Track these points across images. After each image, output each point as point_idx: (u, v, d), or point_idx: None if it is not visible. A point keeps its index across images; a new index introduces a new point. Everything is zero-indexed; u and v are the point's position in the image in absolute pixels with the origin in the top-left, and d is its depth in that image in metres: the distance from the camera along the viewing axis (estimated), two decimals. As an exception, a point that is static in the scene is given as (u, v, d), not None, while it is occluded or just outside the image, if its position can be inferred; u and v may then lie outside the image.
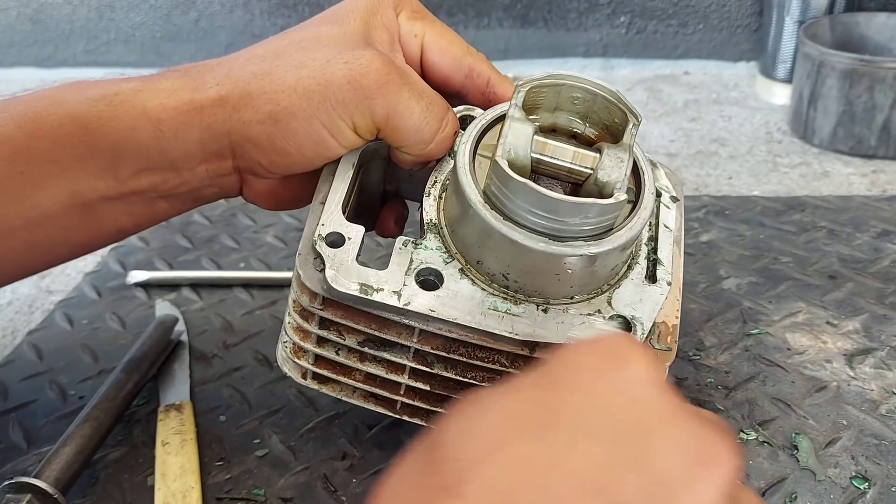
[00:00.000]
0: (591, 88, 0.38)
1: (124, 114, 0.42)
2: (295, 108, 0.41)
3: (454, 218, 0.40)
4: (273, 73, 0.41)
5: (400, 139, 0.42)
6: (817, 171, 0.92)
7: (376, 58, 0.41)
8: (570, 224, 0.36)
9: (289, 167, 0.43)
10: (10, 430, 0.53)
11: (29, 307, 0.72)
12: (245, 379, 0.57)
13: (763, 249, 0.71)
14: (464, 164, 0.38)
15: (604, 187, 0.36)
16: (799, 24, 1.06)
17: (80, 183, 0.43)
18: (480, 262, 0.39)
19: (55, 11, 1.31)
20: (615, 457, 0.25)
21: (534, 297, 0.39)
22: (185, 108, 0.42)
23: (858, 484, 0.46)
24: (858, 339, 0.58)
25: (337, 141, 0.42)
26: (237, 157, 0.43)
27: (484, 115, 0.41)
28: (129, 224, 0.46)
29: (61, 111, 0.42)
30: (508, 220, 0.36)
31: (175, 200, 0.46)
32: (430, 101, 0.42)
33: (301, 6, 1.28)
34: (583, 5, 1.25)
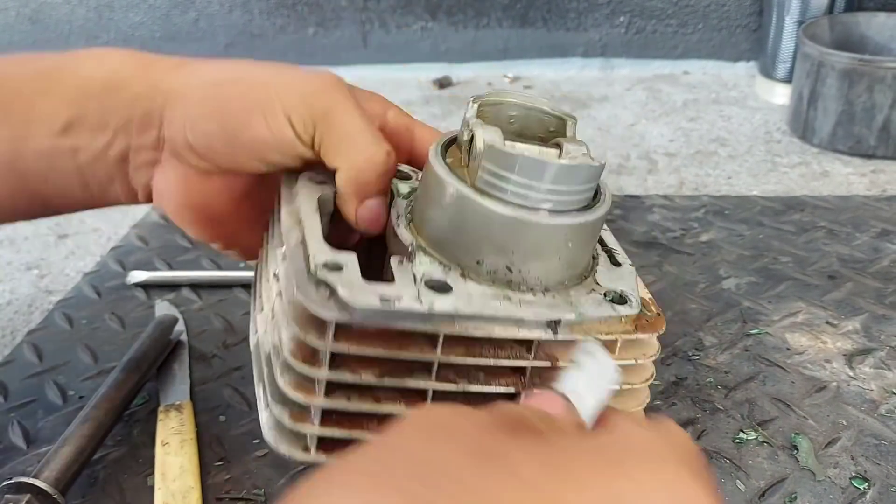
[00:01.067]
0: (523, 104, 0.40)
1: (86, 61, 0.43)
2: (240, 80, 0.41)
3: (439, 230, 0.40)
4: (232, 61, 0.43)
5: (334, 144, 0.40)
6: (817, 171, 0.92)
7: (332, 74, 0.42)
8: (566, 192, 0.37)
9: (207, 137, 0.42)
10: (9, 430, 0.53)
11: (28, 307, 0.72)
12: (245, 379, 0.57)
13: (762, 249, 0.71)
14: (444, 170, 0.38)
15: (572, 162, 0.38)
16: (798, 23, 1.06)
17: (20, 128, 0.43)
18: (480, 262, 0.39)
19: (54, 11, 1.31)
20: None
21: (535, 287, 0.40)
22: (142, 65, 0.43)
23: (858, 484, 0.46)
24: (858, 339, 0.59)
25: (268, 125, 0.40)
26: (165, 124, 0.43)
27: (438, 140, 0.41)
28: (48, 192, 0.45)
29: (31, 66, 0.44)
30: (508, 204, 0.37)
31: (90, 177, 0.45)
32: (371, 122, 0.41)
33: (300, 6, 1.28)
34: (582, 5, 1.25)
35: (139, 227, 0.80)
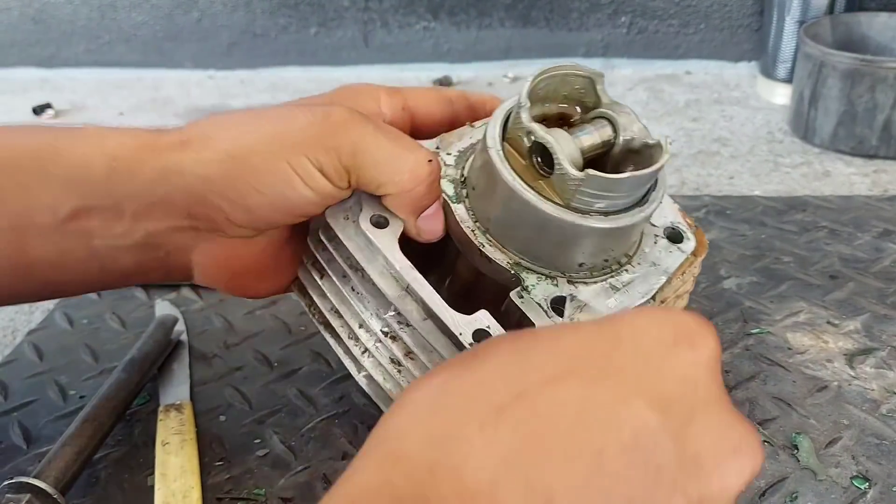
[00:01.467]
0: (551, 74, 0.40)
1: (82, 144, 0.41)
2: (255, 146, 0.40)
3: (529, 245, 0.41)
4: (234, 119, 0.41)
5: (373, 176, 0.40)
6: (818, 171, 0.92)
7: (338, 106, 0.41)
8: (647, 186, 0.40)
9: (251, 212, 0.41)
10: (10, 429, 0.53)
11: (29, 307, 0.72)
12: (245, 379, 0.57)
13: (764, 249, 0.71)
14: (534, 196, 0.38)
15: (631, 143, 0.39)
16: (799, 24, 1.05)
17: (20, 215, 0.41)
18: (582, 265, 0.41)
19: (57, 11, 1.31)
20: (661, 424, 0.26)
21: (623, 261, 0.43)
22: (143, 146, 0.41)
23: (859, 484, 0.46)
24: (859, 339, 0.58)
25: (303, 182, 0.40)
26: (193, 206, 0.41)
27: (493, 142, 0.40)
28: (58, 279, 0.44)
29: (20, 140, 0.42)
30: (608, 215, 0.39)
31: (111, 262, 0.43)
32: (397, 135, 0.41)
33: (302, 6, 1.28)
34: (584, 5, 1.25)
35: (140, 227, 0.80)
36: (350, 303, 0.43)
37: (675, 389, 0.27)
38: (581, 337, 0.29)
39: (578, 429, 0.25)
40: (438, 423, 0.26)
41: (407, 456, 0.26)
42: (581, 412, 0.26)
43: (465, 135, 0.46)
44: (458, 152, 0.45)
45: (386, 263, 0.41)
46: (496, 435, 0.25)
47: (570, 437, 0.25)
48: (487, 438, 0.25)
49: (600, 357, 0.28)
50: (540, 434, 0.25)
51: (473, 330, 0.39)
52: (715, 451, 0.27)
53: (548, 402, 0.26)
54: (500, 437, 0.25)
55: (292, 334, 0.62)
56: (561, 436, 0.25)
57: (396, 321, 0.41)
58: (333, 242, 0.44)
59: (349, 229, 0.42)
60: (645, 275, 0.43)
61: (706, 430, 0.27)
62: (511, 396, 0.26)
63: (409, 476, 0.25)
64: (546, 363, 0.27)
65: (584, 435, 0.25)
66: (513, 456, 0.25)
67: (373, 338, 0.43)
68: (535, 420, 0.25)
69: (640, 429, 0.26)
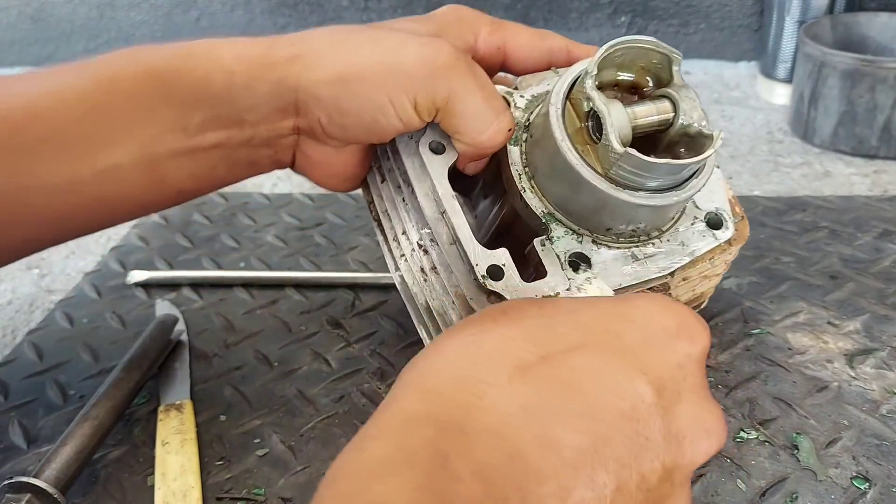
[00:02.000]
0: (630, 45, 0.40)
1: (199, 65, 0.44)
2: (364, 75, 0.43)
3: (565, 200, 0.43)
4: (349, 42, 0.44)
5: (456, 124, 0.43)
6: (818, 171, 0.92)
7: (448, 45, 0.43)
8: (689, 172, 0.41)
9: (344, 130, 0.45)
10: (10, 429, 0.53)
11: (29, 306, 0.72)
12: (245, 378, 0.57)
13: (764, 249, 0.71)
14: (577, 159, 0.40)
15: (688, 128, 0.40)
16: (799, 24, 1.05)
17: (151, 137, 0.44)
18: (610, 229, 0.43)
19: (56, 10, 1.31)
20: (655, 401, 0.30)
21: (652, 233, 0.45)
22: (258, 61, 0.44)
23: (859, 484, 0.46)
24: (859, 340, 0.58)
25: (396, 113, 0.43)
26: (300, 115, 0.45)
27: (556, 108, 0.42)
28: (190, 186, 0.48)
29: (138, 67, 0.45)
30: (642, 192, 0.40)
31: (234, 164, 0.47)
32: (492, 94, 0.44)
33: (301, 5, 1.28)
34: (584, 5, 1.25)
35: (139, 226, 0.80)
36: (398, 211, 0.48)
37: (671, 374, 0.31)
38: (598, 313, 0.33)
39: (589, 394, 0.29)
40: (471, 368, 0.30)
41: (445, 393, 0.29)
42: (593, 380, 0.30)
43: (545, 80, 0.47)
44: (531, 96, 0.46)
45: (432, 187, 0.45)
46: (522, 388, 0.29)
47: (581, 399, 0.29)
48: (514, 389, 0.29)
49: (613, 335, 0.31)
50: (557, 393, 0.29)
51: (489, 264, 0.42)
52: (692, 430, 0.31)
53: (566, 367, 0.30)
54: (524, 389, 0.29)
55: (292, 334, 0.62)
56: (574, 397, 0.29)
57: (429, 238, 0.46)
58: (396, 156, 0.48)
59: (410, 148, 0.46)
60: (669, 252, 0.45)
61: (688, 413, 0.31)
62: (536, 357, 0.30)
63: (448, 409, 0.28)
64: (567, 333, 0.31)
65: (592, 400, 0.29)
66: (533, 407, 0.28)
67: (409, 246, 0.47)
68: (554, 380, 0.29)
69: (638, 402, 0.30)
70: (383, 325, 0.62)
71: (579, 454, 0.28)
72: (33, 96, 0.44)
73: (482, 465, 0.27)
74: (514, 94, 0.46)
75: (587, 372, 0.30)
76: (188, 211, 0.82)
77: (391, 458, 0.26)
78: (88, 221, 0.48)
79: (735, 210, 0.48)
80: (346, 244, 0.74)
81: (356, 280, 0.67)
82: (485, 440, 0.27)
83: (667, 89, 0.41)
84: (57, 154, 0.43)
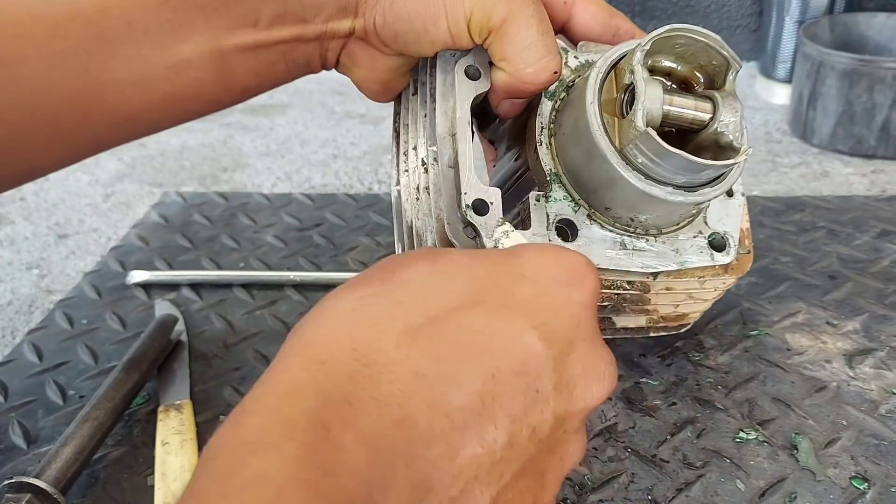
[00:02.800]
0: (695, 37, 0.40)
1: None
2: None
3: (576, 166, 0.42)
4: None
5: (505, 49, 0.43)
6: (817, 171, 0.92)
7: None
8: (705, 178, 0.40)
9: (396, 36, 0.45)
10: (10, 429, 0.53)
11: (29, 307, 0.72)
12: (245, 379, 0.57)
13: (763, 250, 0.71)
14: (597, 123, 0.40)
15: (720, 136, 0.40)
16: (798, 24, 1.06)
17: (221, 31, 0.44)
18: (609, 209, 0.43)
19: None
20: (546, 354, 0.30)
21: (651, 230, 0.44)
22: None
23: (858, 484, 0.46)
24: (858, 340, 0.59)
25: (448, 25, 0.43)
26: (357, 16, 0.45)
27: (598, 71, 0.42)
28: (253, 83, 0.48)
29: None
30: (650, 180, 0.39)
31: (292, 62, 0.47)
32: (548, 30, 0.43)
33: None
34: (583, 5, 1.25)
35: (139, 227, 0.80)
36: (418, 125, 0.48)
37: (563, 324, 0.31)
38: (489, 268, 0.32)
39: (478, 354, 0.29)
40: (358, 334, 0.29)
41: (330, 361, 0.28)
42: (482, 339, 0.30)
43: (604, 51, 0.46)
44: (585, 61, 0.46)
45: (453, 106, 0.44)
46: (409, 353, 0.28)
47: (470, 360, 0.29)
48: (402, 355, 0.28)
49: (504, 291, 0.31)
50: (446, 357, 0.29)
51: (477, 197, 0.42)
52: (585, 378, 0.32)
53: (455, 327, 0.30)
54: (412, 355, 0.28)
55: (292, 334, 0.62)
56: (463, 359, 0.29)
57: (433, 157, 0.45)
58: (433, 70, 0.47)
59: (448, 64, 0.46)
60: (659, 253, 0.44)
61: (580, 361, 0.32)
62: (425, 319, 0.29)
63: (332, 378, 0.28)
64: (457, 291, 0.31)
65: (482, 360, 0.29)
66: (422, 373, 0.28)
67: (416, 161, 0.47)
68: (443, 343, 0.29)
69: (529, 357, 0.30)
70: (383, 326, 0.62)
71: (468, 413, 0.28)
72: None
73: (367, 434, 0.26)
74: (570, 53, 0.46)
75: (477, 331, 0.30)
76: (188, 211, 0.82)
77: (269, 430, 0.26)
78: (158, 118, 0.48)
79: (744, 242, 0.47)
80: (346, 244, 0.75)
81: (356, 280, 0.67)
82: (370, 409, 0.27)
83: (713, 91, 0.40)
84: (129, 48, 0.43)
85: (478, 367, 0.29)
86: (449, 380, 0.28)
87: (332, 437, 0.26)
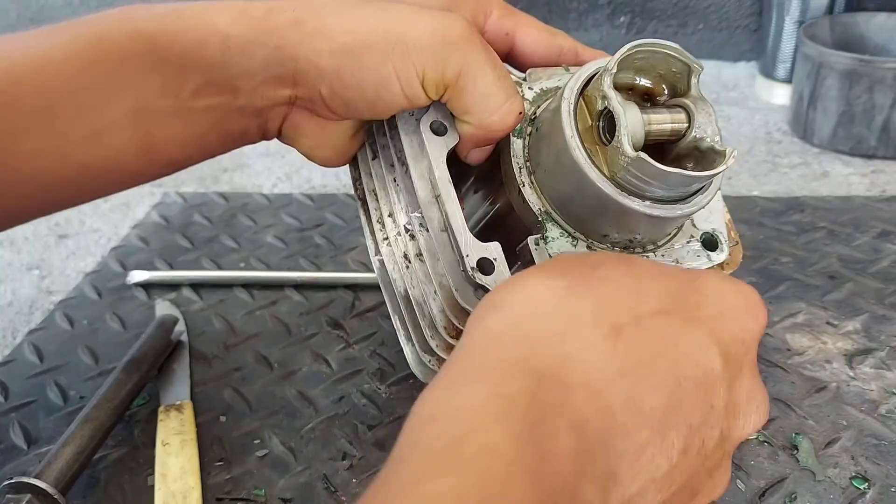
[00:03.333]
0: (653, 49, 0.39)
1: (192, 27, 0.42)
2: (372, 45, 0.40)
3: (566, 201, 0.42)
4: (355, 12, 0.41)
5: (465, 103, 0.41)
6: (817, 172, 0.92)
7: (461, 18, 0.41)
8: (697, 186, 0.40)
9: (346, 104, 0.43)
10: (10, 430, 0.53)
11: (29, 307, 0.72)
12: (245, 379, 0.57)
13: (763, 250, 0.71)
14: (584, 157, 0.39)
15: (700, 142, 0.39)
16: (799, 24, 1.05)
17: (141, 101, 0.42)
18: (606, 235, 0.42)
19: (55, 13, 1.31)
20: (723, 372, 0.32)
21: (648, 245, 0.44)
22: (256, 25, 0.41)
23: (858, 484, 0.46)
24: (858, 340, 0.59)
25: (401, 88, 0.41)
26: (298, 86, 0.43)
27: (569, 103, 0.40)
28: (180, 155, 0.46)
29: (128, 27, 0.42)
30: (648, 201, 0.39)
31: (224, 132, 0.45)
32: (504, 74, 0.42)
33: (301, 6, 1.28)
34: (583, 5, 1.25)
35: (139, 227, 0.80)
36: (388, 190, 0.46)
37: (736, 348, 0.32)
38: (679, 282, 0.34)
39: (671, 359, 0.31)
40: (566, 322, 0.31)
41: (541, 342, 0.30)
42: (675, 346, 0.31)
43: (556, 75, 0.46)
44: (540, 90, 0.45)
45: (429, 168, 0.43)
46: (615, 348, 0.30)
47: (664, 365, 0.30)
48: (608, 349, 0.30)
49: (693, 305, 0.33)
50: (645, 357, 0.30)
51: (480, 257, 0.41)
52: (747, 404, 0.33)
53: (654, 331, 0.31)
54: (617, 350, 0.30)
55: (292, 335, 0.62)
56: (658, 362, 0.30)
57: (419, 223, 0.44)
58: (393, 132, 0.46)
59: (410, 125, 0.44)
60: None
61: (745, 387, 0.33)
62: (629, 318, 0.31)
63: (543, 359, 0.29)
64: (653, 297, 0.32)
65: (674, 366, 0.31)
66: (624, 367, 0.30)
67: (395, 229, 0.46)
68: (643, 343, 0.31)
69: (710, 372, 0.31)
70: (383, 326, 0.62)
71: (658, 414, 0.29)
72: (16, 59, 0.41)
73: (576, 419, 0.28)
74: (523, 86, 0.45)
75: (671, 338, 0.31)
76: (188, 211, 0.82)
77: (491, 404, 0.27)
78: (77, 191, 0.46)
79: (730, 234, 0.47)
80: (346, 245, 0.75)
81: (356, 280, 0.67)
82: (581, 393, 0.28)
83: (682, 99, 0.40)
84: (43, 118, 0.41)
85: (670, 373, 0.30)
86: (646, 379, 0.30)
87: (548, 420, 0.27)
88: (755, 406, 0.33)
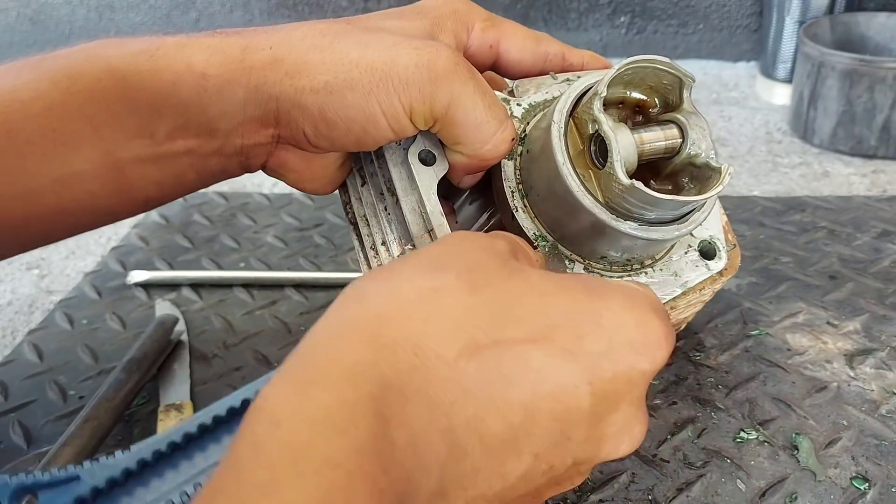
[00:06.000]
0: (642, 65, 0.39)
1: (166, 67, 0.40)
2: (355, 82, 0.39)
3: (560, 224, 0.41)
4: (335, 47, 0.40)
5: (457, 134, 0.40)
6: (817, 172, 0.92)
7: (446, 48, 0.40)
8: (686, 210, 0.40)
9: (332, 141, 0.41)
10: (10, 429, 0.53)
11: (29, 307, 0.72)
12: (245, 379, 0.57)
13: (763, 250, 0.71)
14: (576, 185, 0.38)
15: (695, 157, 0.39)
16: (799, 24, 1.06)
17: (114, 142, 0.40)
18: (604, 257, 0.42)
19: (55, 12, 1.31)
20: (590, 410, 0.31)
21: (646, 261, 0.43)
22: (234, 65, 0.40)
23: (858, 484, 0.46)
24: (859, 340, 0.58)
25: (388, 123, 0.40)
26: (281, 126, 0.41)
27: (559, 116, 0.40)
28: (157, 194, 0.44)
29: (99, 65, 0.40)
30: (645, 224, 0.39)
31: (203, 171, 0.43)
32: (493, 101, 0.41)
33: (301, 6, 1.28)
34: (583, 5, 1.25)
35: (140, 227, 0.80)
36: (379, 219, 0.45)
37: (618, 387, 0.31)
38: (570, 305, 0.31)
39: (528, 390, 0.29)
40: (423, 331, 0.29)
41: (392, 347, 0.29)
42: (536, 377, 0.30)
43: (543, 87, 0.45)
44: (528, 105, 0.44)
45: (419, 200, 0.42)
46: (466, 369, 0.29)
47: (518, 393, 0.29)
48: (460, 368, 0.29)
49: (576, 336, 0.31)
50: (497, 383, 0.29)
51: None
52: (617, 436, 0.32)
53: (515, 357, 0.30)
54: (468, 371, 0.29)
55: (292, 334, 0.62)
56: (511, 390, 0.29)
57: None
58: (380, 160, 0.44)
59: (398, 156, 0.43)
60: (662, 282, 0.44)
61: (619, 421, 0.31)
62: (489, 340, 0.29)
63: (393, 366, 0.28)
64: (528, 319, 0.30)
65: (528, 397, 0.29)
66: (472, 390, 0.29)
67: (390, 258, 0.45)
68: (498, 369, 0.29)
69: (573, 409, 0.30)
70: (383, 326, 0.62)
71: (498, 442, 0.29)
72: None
73: (416, 436, 0.27)
74: (511, 102, 0.44)
75: (534, 368, 0.30)
76: (188, 211, 0.82)
77: (336, 412, 0.26)
78: (48, 231, 0.44)
79: (728, 238, 0.47)
80: (346, 244, 0.75)
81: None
82: (422, 409, 0.28)
83: (675, 114, 0.39)
84: (10, 160, 0.39)
85: (521, 402, 0.29)
86: (492, 406, 0.29)
87: (389, 432, 0.26)
88: (628, 436, 0.32)
